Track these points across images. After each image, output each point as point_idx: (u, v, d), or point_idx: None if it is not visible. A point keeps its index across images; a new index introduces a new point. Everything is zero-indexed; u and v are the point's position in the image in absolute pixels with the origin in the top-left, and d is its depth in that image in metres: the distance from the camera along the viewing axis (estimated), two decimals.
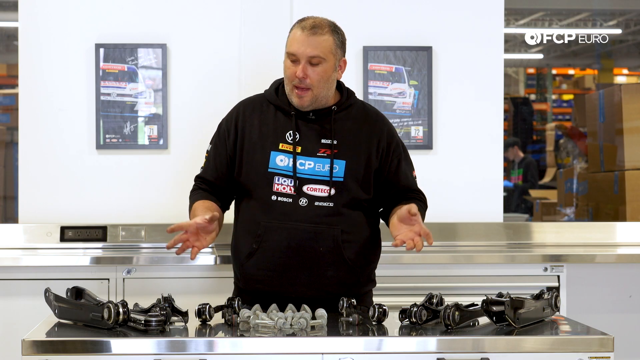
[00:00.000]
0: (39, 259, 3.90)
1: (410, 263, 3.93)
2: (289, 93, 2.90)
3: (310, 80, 2.85)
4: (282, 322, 2.54)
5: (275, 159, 2.90)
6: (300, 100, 2.88)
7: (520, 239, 4.37)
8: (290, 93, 2.90)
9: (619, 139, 5.32)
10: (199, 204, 2.94)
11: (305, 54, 2.84)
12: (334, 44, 2.88)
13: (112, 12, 4.29)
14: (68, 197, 4.25)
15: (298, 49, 2.84)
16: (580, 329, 2.65)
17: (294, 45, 2.85)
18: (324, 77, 2.87)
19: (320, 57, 2.85)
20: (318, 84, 2.87)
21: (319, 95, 2.89)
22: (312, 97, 2.88)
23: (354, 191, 2.92)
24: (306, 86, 2.86)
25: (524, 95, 14.15)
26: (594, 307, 4.02)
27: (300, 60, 2.85)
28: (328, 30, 2.87)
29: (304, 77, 2.84)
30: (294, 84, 2.87)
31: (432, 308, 2.60)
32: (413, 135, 4.34)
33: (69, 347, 2.39)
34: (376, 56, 4.32)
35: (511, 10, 9.69)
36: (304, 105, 2.89)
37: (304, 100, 2.88)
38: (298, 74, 2.84)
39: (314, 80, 2.86)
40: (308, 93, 2.87)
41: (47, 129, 4.27)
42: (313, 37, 2.84)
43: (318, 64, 2.85)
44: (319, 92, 2.89)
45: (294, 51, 2.85)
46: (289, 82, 2.88)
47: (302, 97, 2.87)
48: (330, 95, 2.94)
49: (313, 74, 2.85)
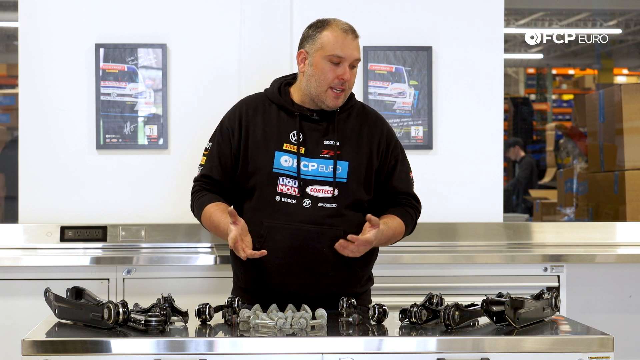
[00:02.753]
0: (39, 259, 3.90)
1: (410, 263, 3.93)
2: (320, 94, 2.90)
3: (350, 82, 2.92)
4: (282, 322, 2.54)
5: (280, 159, 2.90)
6: (337, 101, 2.92)
7: (520, 239, 4.37)
8: (322, 94, 2.90)
9: (619, 139, 5.32)
10: (213, 208, 2.91)
11: (352, 56, 2.89)
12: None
13: (112, 12, 4.29)
14: (68, 197, 4.25)
15: (346, 52, 2.88)
16: (580, 329, 2.65)
17: (342, 48, 2.88)
18: (355, 78, 2.96)
19: (359, 60, 2.94)
20: (351, 85, 2.95)
21: (347, 97, 2.96)
22: (344, 98, 2.94)
23: (357, 192, 2.93)
24: (344, 87, 2.91)
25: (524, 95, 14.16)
26: (594, 307, 4.02)
27: (344, 63, 2.88)
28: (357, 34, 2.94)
29: (348, 79, 2.89)
30: (333, 85, 2.89)
31: (432, 308, 2.60)
32: (413, 135, 4.34)
33: (69, 347, 2.39)
34: (376, 56, 4.32)
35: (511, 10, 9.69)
36: (338, 105, 2.94)
37: (339, 101, 2.93)
38: (346, 77, 2.88)
39: (351, 82, 2.93)
40: (342, 94, 2.93)
41: (47, 129, 4.27)
42: (356, 40, 2.92)
43: (354, 67, 2.92)
44: (348, 93, 2.96)
45: (342, 54, 2.88)
46: (326, 84, 2.89)
47: (339, 97, 2.92)
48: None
49: (352, 77, 2.93)
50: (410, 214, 3.01)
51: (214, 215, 2.89)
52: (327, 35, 2.89)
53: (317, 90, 2.90)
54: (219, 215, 2.87)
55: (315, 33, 2.91)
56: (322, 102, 2.92)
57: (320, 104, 2.92)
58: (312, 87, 2.91)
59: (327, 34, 2.89)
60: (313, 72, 2.90)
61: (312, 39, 2.91)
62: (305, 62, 2.93)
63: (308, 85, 2.92)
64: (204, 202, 2.95)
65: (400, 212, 2.98)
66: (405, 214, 2.99)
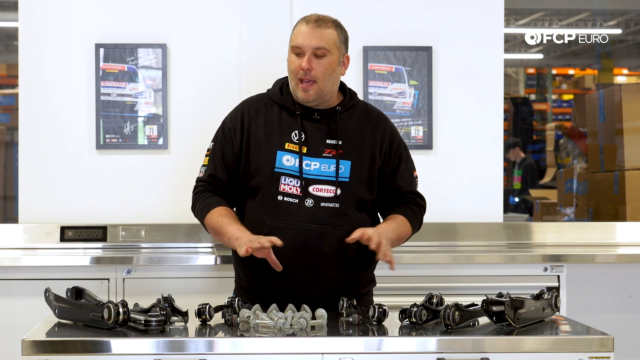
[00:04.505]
0: (39, 259, 3.90)
1: (410, 263, 3.93)
2: (293, 88, 2.90)
3: (315, 72, 2.86)
4: (282, 322, 2.54)
5: (281, 159, 2.90)
6: (305, 94, 2.88)
7: (520, 239, 4.37)
8: (295, 88, 2.90)
9: (619, 139, 5.32)
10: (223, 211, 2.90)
11: (310, 45, 2.85)
12: (337, 38, 2.90)
13: (112, 12, 4.29)
14: (68, 197, 4.25)
15: (303, 41, 2.86)
16: (580, 329, 2.65)
17: (299, 38, 2.87)
18: (329, 69, 2.88)
19: (325, 49, 2.87)
20: (323, 76, 2.87)
21: (323, 90, 2.89)
22: (317, 91, 2.88)
23: (359, 191, 2.92)
24: (311, 78, 2.86)
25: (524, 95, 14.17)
26: (594, 307, 4.02)
27: (305, 53, 2.86)
28: (332, 25, 2.90)
29: (309, 68, 2.85)
30: (298, 77, 2.87)
31: (432, 308, 2.60)
32: (413, 135, 4.34)
33: (69, 347, 2.39)
34: (376, 56, 4.32)
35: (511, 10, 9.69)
36: (309, 99, 2.89)
37: (309, 94, 2.88)
38: (304, 66, 2.84)
39: (318, 72, 2.86)
40: (313, 86, 2.87)
41: (47, 129, 4.27)
42: (318, 29, 2.86)
43: (323, 56, 2.87)
44: (323, 86, 2.89)
45: (299, 44, 2.86)
46: (294, 77, 2.88)
47: (307, 90, 2.87)
48: (334, 91, 2.95)
49: (318, 66, 2.86)
50: (415, 212, 3.00)
51: (221, 218, 2.87)
52: (295, 28, 2.91)
53: (291, 84, 2.91)
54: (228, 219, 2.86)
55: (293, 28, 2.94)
56: (296, 97, 2.91)
57: (296, 99, 2.92)
58: (291, 83, 2.92)
59: (295, 27, 2.91)
60: (287, 67, 2.92)
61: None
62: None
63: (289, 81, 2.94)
64: (210, 203, 2.93)
65: (404, 211, 2.98)
66: (410, 213, 2.99)
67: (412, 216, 2.99)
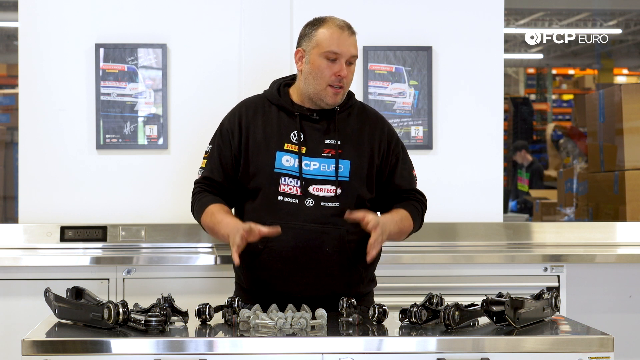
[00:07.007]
0: (39, 259, 3.90)
1: (410, 263, 3.93)
2: (318, 92, 2.90)
3: (347, 79, 2.91)
4: (282, 322, 2.54)
5: (281, 159, 2.90)
6: (335, 98, 2.91)
7: (520, 239, 4.37)
8: (321, 92, 2.90)
9: (619, 139, 5.32)
10: (216, 208, 2.91)
11: (349, 53, 2.88)
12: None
13: (112, 12, 4.29)
14: (68, 197, 4.25)
15: (342, 49, 2.87)
16: (580, 329, 2.65)
17: (338, 44, 2.87)
18: (353, 75, 2.96)
19: (356, 57, 2.93)
20: (350, 82, 2.94)
21: (345, 94, 2.95)
22: (343, 96, 2.93)
23: (359, 190, 2.92)
24: (342, 84, 2.90)
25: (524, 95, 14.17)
26: (594, 307, 4.02)
27: (340, 60, 2.87)
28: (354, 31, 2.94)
29: (345, 76, 2.89)
30: (331, 82, 2.88)
31: (432, 308, 2.60)
32: (413, 135, 4.34)
33: (69, 347, 2.39)
34: (376, 56, 4.32)
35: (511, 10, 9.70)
36: (337, 102, 2.93)
37: (338, 98, 2.92)
38: (342, 73, 2.88)
39: (349, 79, 2.92)
40: (341, 91, 2.92)
41: (47, 129, 4.27)
42: (352, 36, 2.91)
43: (352, 63, 2.92)
44: (347, 90, 2.95)
45: (339, 51, 2.87)
46: (324, 82, 2.89)
47: (338, 94, 2.91)
48: None
49: (349, 73, 2.92)
50: (416, 207, 3.00)
51: (215, 215, 2.88)
52: (323, 32, 2.89)
53: (316, 88, 2.90)
54: (221, 215, 2.87)
55: (311, 31, 2.92)
56: (320, 100, 2.91)
57: (319, 102, 2.92)
58: (310, 86, 2.91)
59: (323, 31, 2.89)
60: (310, 70, 2.90)
61: (308, 37, 2.92)
62: (302, 61, 2.93)
63: (306, 83, 2.92)
64: (205, 202, 2.95)
65: (406, 206, 2.98)
66: (412, 209, 2.99)
67: (413, 212, 2.99)
